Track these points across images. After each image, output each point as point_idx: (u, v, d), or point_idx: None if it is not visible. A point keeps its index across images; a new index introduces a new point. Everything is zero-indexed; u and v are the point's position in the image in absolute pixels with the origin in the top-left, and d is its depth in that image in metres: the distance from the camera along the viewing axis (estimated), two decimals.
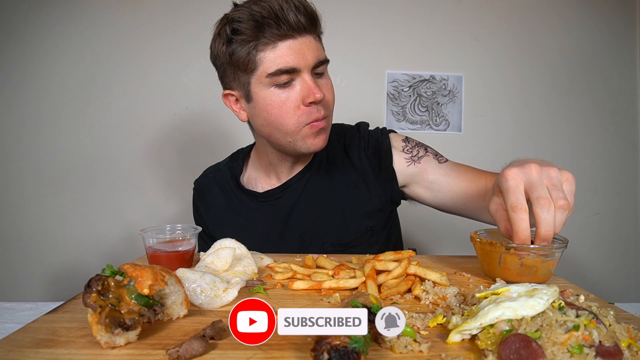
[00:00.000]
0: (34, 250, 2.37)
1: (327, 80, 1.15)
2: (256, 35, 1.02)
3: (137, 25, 2.35)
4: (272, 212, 1.28)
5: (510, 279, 0.82)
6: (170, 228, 1.01)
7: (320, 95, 1.05)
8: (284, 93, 1.07)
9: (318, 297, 0.78)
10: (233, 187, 1.35)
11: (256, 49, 1.04)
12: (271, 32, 1.02)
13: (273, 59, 1.04)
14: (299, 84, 1.07)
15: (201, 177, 1.45)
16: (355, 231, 1.25)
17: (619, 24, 2.52)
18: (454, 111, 2.47)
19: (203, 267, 0.85)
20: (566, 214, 0.74)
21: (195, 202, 1.43)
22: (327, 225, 1.25)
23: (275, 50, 1.03)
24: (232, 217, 1.33)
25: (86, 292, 0.58)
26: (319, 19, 1.09)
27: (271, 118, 1.10)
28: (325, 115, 1.11)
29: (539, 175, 0.76)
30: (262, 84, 1.07)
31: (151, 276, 0.61)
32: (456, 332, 0.58)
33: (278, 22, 1.01)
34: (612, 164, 2.56)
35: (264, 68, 1.05)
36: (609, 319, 0.61)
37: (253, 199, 1.31)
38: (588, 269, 2.56)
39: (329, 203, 1.26)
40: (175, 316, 0.66)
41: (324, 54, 1.12)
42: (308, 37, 1.06)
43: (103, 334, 0.55)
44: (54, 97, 2.34)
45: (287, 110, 1.08)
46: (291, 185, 1.28)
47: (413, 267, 0.84)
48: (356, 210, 1.25)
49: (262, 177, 1.33)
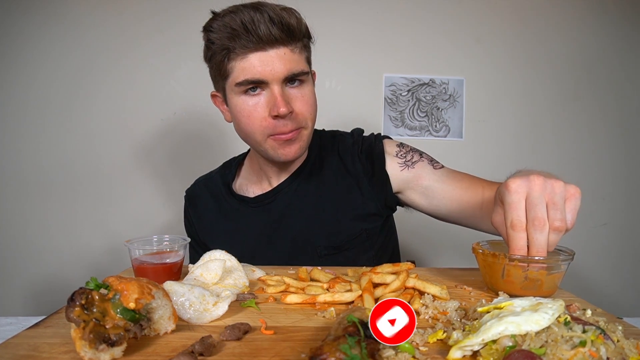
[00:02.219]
0: (14, 262, 2.32)
1: (304, 92, 1.16)
2: (227, 46, 1.07)
3: (123, 28, 2.31)
4: (264, 217, 1.30)
5: (513, 293, 0.81)
6: (158, 239, 1.00)
7: (285, 109, 1.08)
8: (252, 101, 1.12)
9: (312, 311, 0.77)
10: (224, 193, 1.37)
11: (228, 57, 1.09)
12: (241, 44, 1.06)
13: (242, 69, 1.08)
14: (267, 95, 1.11)
15: (192, 186, 1.47)
16: (348, 234, 1.26)
17: (625, 26, 2.47)
18: (454, 116, 2.45)
19: (192, 280, 0.84)
20: (561, 235, 0.76)
21: (187, 211, 1.45)
22: (319, 229, 1.27)
23: (244, 61, 1.07)
24: (224, 223, 1.35)
25: (69, 306, 0.57)
26: (298, 30, 1.10)
27: (241, 125, 1.17)
28: (291, 128, 1.13)
29: (541, 190, 0.76)
30: (233, 92, 1.13)
31: (137, 289, 0.61)
32: (457, 348, 0.57)
33: (248, 34, 1.04)
34: (620, 172, 2.52)
35: (233, 77, 1.10)
36: (617, 334, 0.60)
37: (244, 204, 1.33)
38: (595, 282, 2.51)
39: (322, 206, 1.27)
40: (162, 331, 0.65)
41: (301, 66, 1.13)
42: (282, 49, 1.08)
43: (87, 350, 0.54)
44: (36, 102, 2.29)
45: (254, 120, 1.13)
46: (282, 190, 1.30)
47: (412, 279, 0.83)
48: (350, 214, 1.27)
49: (254, 181, 1.36)
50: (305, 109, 1.15)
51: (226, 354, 0.58)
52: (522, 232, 0.76)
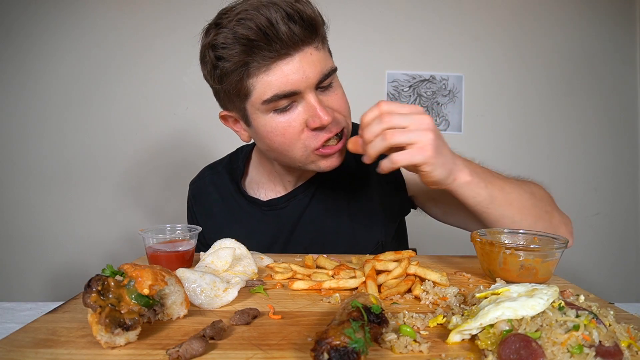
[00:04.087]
0: (34, 250, 2.38)
1: (337, 90, 1.01)
2: (245, 60, 0.89)
3: (137, 29, 2.37)
4: (276, 222, 1.20)
5: (510, 280, 0.82)
6: (170, 228, 1.01)
7: (328, 118, 0.93)
8: (284, 118, 0.95)
9: (318, 297, 0.78)
10: (233, 191, 1.26)
11: (247, 74, 0.91)
12: (262, 55, 0.88)
13: (267, 84, 0.90)
14: (302, 106, 0.95)
15: (198, 179, 1.35)
16: (365, 245, 1.17)
17: (619, 24, 2.53)
18: (454, 111, 2.48)
19: (203, 267, 0.85)
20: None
21: (191, 206, 1.34)
22: (335, 238, 1.17)
23: (268, 74, 0.90)
24: (232, 225, 1.24)
25: (86, 292, 0.58)
26: (318, 22, 0.93)
27: (274, 145, 0.99)
28: (337, 131, 0.98)
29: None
30: (259, 110, 0.96)
31: (151, 276, 0.61)
32: (456, 332, 0.58)
33: (269, 41, 0.86)
34: (612, 163, 2.56)
35: (257, 94, 0.92)
36: (609, 319, 0.61)
37: (255, 206, 1.22)
38: (588, 269, 2.56)
39: (338, 214, 1.18)
40: (175, 316, 0.66)
41: (330, 63, 0.98)
42: (308, 50, 0.91)
43: (103, 334, 0.55)
44: (56, 99, 2.36)
45: (291, 137, 0.96)
46: (297, 195, 1.19)
47: (413, 267, 0.84)
48: (366, 224, 1.18)
49: (265, 183, 1.24)
50: (343, 109, 1.02)
51: (236, 337, 0.59)
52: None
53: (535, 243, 0.91)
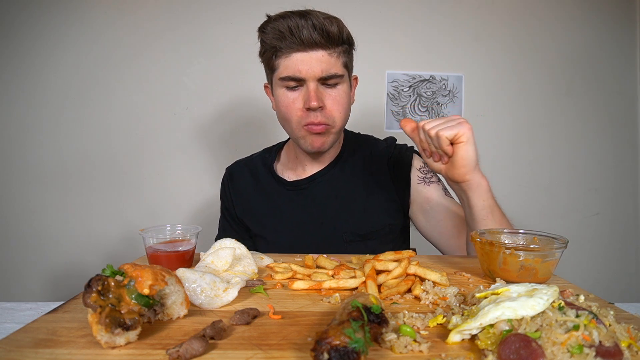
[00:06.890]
0: (34, 250, 2.37)
1: (338, 92, 1.28)
2: (275, 45, 1.22)
3: (137, 27, 2.35)
4: (298, 201, 1.42)
5: (510, 280, 0.82)
6: (171, 228, 1.01)
7: (316, 103, 1.21)
8: (291, 95, 1.26)
9: (318, 297, 0.78)
10: (264, 172, 1.50)
11: (276, 55, 1.24)
12: (286, 44, 1.20)
13: (285, 67, 1.23)
14: (304, 90, 1.25)
15: (233, 164, 1.60)
16: (374, 225, 1.37)
17: (619, 23, 2.53)
18: (453, 111, 2.47)
19: (203, 267, 0.85)
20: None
21: (226, 184, 1.55)
22: (348, 218, 1.38)
23: (287, 60, 1.22)
24: (260, 200, 1.46)
25: (86, 292, 0.58)
26: (337, 37, 1.22)
27: (281, 114, 1.31)
28: (321, 122, 1.26)
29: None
30: (277, 85, 1.28)
31: (151, 276, 0.61)
32: (456, 332, 0.58)
33: (292, 37, 1.19)
34: (612, 163, 2.56)
35: (279, 72, 1.25)
36: (609, 319, 0.61)
37: (282, 185, 1.45)
38: (588, 269, 2.56)
39: (353, 198, 1.39)
40: (175, 316, 0.66)
41: (336, 69, 1.24)
42: (320, 52, 1.21)
43: (103, 334, 0.55)
44: (55, 98, 2.35)
45: (292, 110, 1.27)
46: (316, 179, 1.43)
47: (413, 267, 0.84)
48: (377, 207, 1.39)
49: (290, 167, 1.49)
50: (335, 108, 1.27)
51: (236, 337, 0.59)
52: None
53: (535, 243, 0.91)
